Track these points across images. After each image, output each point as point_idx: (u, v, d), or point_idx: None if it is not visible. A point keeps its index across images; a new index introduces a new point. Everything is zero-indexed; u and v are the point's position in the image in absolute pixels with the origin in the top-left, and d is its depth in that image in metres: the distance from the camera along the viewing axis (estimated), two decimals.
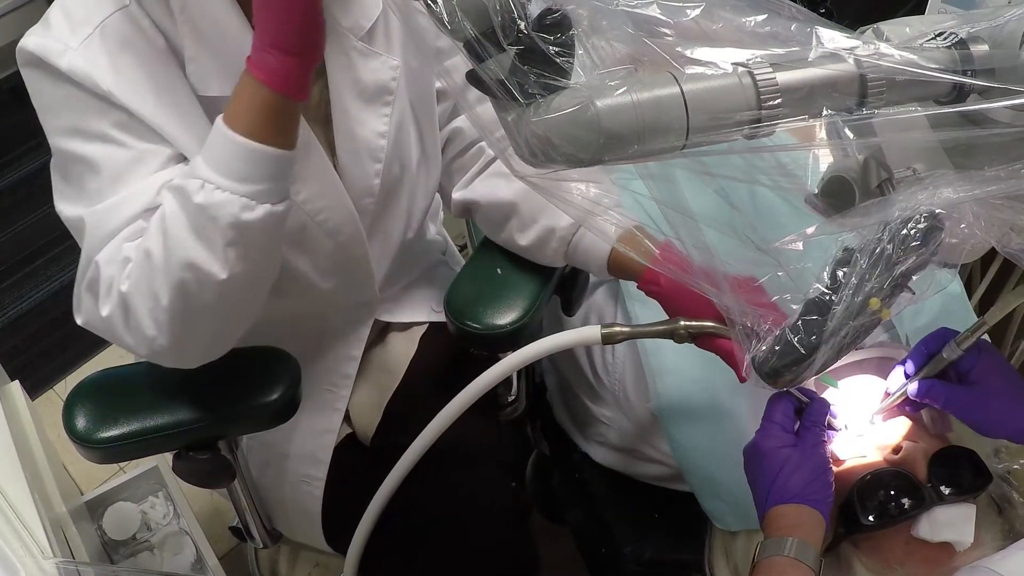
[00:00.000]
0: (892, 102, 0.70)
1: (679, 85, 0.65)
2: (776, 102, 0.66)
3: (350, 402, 1.29)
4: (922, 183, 0.71)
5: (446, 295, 1.20)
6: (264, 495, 1.32)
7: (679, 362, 1.21)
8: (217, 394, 1.07)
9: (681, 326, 0.98)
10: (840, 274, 0.78)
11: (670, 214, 0.79)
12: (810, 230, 0.74)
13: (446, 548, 1.27)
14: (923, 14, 1.26)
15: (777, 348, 0.81)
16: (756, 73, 0.66)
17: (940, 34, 0.72)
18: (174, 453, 1.11)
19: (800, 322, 0.80)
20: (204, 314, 0.92)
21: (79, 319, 0.97)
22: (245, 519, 1.31)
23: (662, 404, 1.22)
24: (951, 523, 0.90)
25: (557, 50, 0.64)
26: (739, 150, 0.70)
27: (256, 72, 0.85)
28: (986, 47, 0.70)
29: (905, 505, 0.91)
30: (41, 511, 1.12)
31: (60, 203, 0.98)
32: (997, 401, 0.90)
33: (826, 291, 0.79)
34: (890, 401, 0.96)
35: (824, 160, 0.77)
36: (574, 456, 1.39)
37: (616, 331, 1.01)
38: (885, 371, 0.99)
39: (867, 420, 0.98)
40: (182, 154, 0.96)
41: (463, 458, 1.27)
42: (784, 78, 0.66)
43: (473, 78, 0.66)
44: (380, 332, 1.35)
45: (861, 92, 0.68)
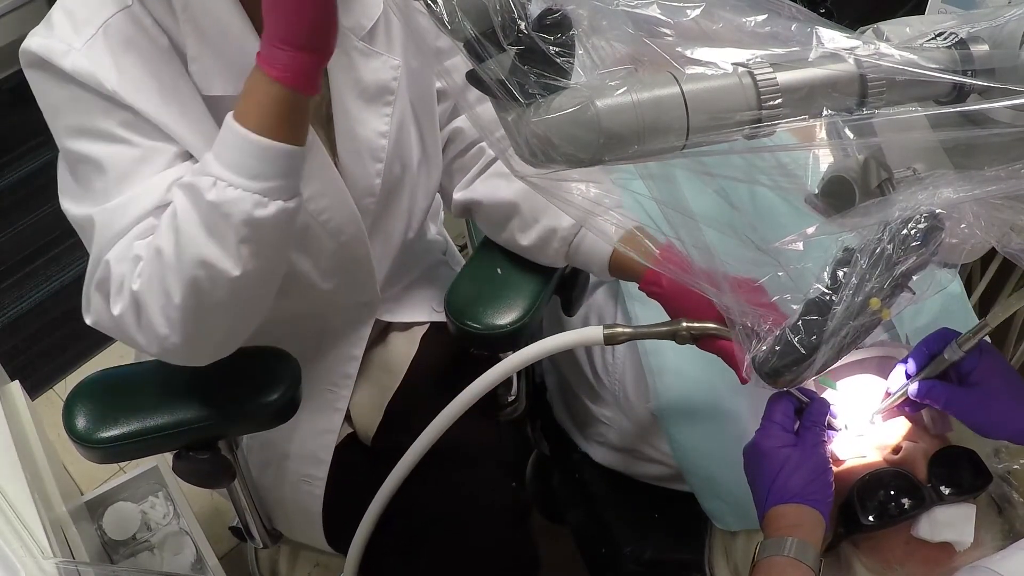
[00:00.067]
0: (892, 102, 0.70)
1: (679, 85, 0.65)
2: (776, 102, 0.66)
3: (351, 402, 1.29)
4: (922, 183, 0.71)
5: (446, 295, 1.20)
6: (264, 495, 1.32)
7: (679, 362, 1.21)
8: (217, 394, 1.07)
9: (683, 327, 0.98)
10: (840, 274, 0.78)
11: (670, 214, 0.79)
12: (810, 230, 0.74)
13: (446, 548, 1.27)
14: (923, 14, 1.26)
15: (777, 348, 0.81)
16: (756, 73, 0.66)
17: (940, 34, 0.71)
18: (174, 453, 1.11)
19: (800, 322, 0.80)
20: (217, 311, 0.92)
21: (88, 319, 0.97)
22: (245, 519, 1.31)
23: (662, 404, 1.22)
24: (951, 523, 0.90)
25: (557, 50, 0.64)
26: (739, 150, 0.70)
27: (267, 68, 0.84)
28: (986, 47, 0.70)
29: (905, 505, 0.91)
30: (41, 511, 1.12)
31: (68, 202, 0.97)
32: (998, 402, 0.90)
33: (826, 291, 0.79)
34: (890, 401, 0.96)
35: (824, 160, 0.77)
36: (574, 456, 1.39)
37: (618, 332, 1.01)
38: (885, 371, 0.99)
39: (867, 420, 0.98)
40: (188, 152, 0.96)
41: (463, 458, 1.27)
42: (784, 78, 0.67)
43: (473, 78, 0.66)
44: (381, 332, 1.35)
45: (861, 92, 0.68)
